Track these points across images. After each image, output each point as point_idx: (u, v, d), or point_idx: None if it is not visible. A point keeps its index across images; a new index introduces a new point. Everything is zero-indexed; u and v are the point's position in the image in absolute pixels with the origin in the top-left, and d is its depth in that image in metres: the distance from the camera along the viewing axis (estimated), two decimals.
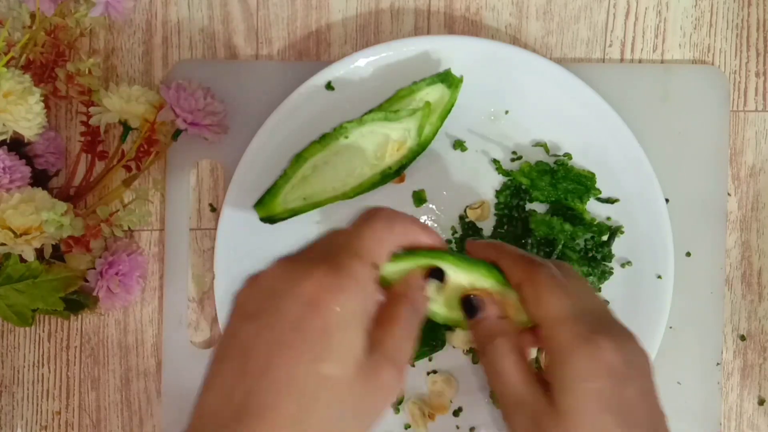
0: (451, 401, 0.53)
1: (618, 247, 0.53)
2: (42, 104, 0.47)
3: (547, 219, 0.51)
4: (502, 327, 0.37)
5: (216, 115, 0.51)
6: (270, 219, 0.51)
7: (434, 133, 0.51)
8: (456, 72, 0.51)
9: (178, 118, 0.49)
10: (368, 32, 0.56)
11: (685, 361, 0.55)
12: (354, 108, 0.52)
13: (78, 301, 0.51)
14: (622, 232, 0.53)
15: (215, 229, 0.54)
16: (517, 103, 0.53)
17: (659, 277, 0.52)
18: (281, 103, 0.51)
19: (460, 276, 0.37)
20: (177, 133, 0.51)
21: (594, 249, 0.52)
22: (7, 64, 0.47)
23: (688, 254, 0.55)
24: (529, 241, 0.52)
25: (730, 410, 0.56)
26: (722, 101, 0.55)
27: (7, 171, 0.48)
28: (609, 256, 0.52)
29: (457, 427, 0.53)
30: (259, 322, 0.30)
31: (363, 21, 0.56)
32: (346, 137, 0.50)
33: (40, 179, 0.53)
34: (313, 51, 0.56)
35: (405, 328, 0.34)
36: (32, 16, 0.51)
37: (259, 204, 0.51)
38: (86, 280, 0.51)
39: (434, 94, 0.51)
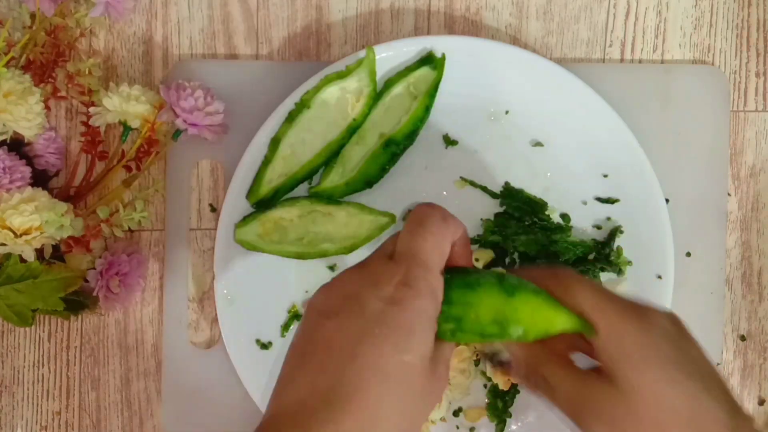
0: (450, 402, 0.53)
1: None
2: (42, 104, 0.47)
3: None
4: (535, 357, 0.39)
5: (216, 115, 0.51)
6: (260, 203, 0.51)
7: (424, 110, 0.51)
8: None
9: (178, 118, 0.49)
10: (368, 32, 0.56)
11: None
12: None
13: (78, 301, 0.51)
14: (621, 232, 0.53)
15: (215, 229, 0.54)
16: (517, 103, 0.53)
17: (659, 277, 0.52)
18: (281, 103, 0.51)
19: None
20: (177, 133, 0.51)
21: (596, 253, 0.52)
22: (7, 64, 0.47)
23: (688, 254, 0.55)
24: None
25: None
26: (722, 101, 0.55)
27: (7, 171, 0.48)
28: (610, 258, 0.52)
29: (457, 427, 0.53)
30: (340, 318, 0.33)
31: (363, 21, 0.56)
32: (309, 107, 0.51)
33: (40, 179, 0.53)
34: (313, 51, 0.56)
35: None
36: (32, 16, 0.51)
37: (249, 193, 0.52)
38: (86, 280, 0.51)
39: (422, 75, 0.52)
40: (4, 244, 0.45)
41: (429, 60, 0.51)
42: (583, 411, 0.36)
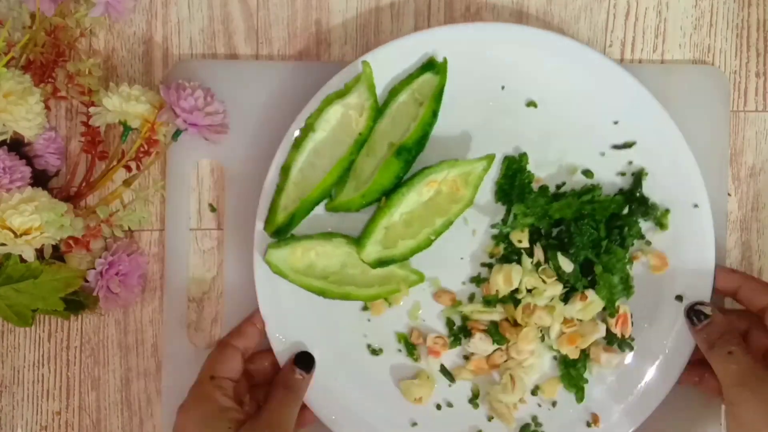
0: (525, 384, 0.53)
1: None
2: (42, 104, 0.47)
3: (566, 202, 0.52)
4: (726, 325, 0.49)
5: (216, 115, 0.51)
6: (278, 232, 0.51)
7: (431, 115, 0.51)
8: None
9: (178, 118, 0.49)
10: (368, 32, 0.56)
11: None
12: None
13: (78, 301, 0.51)
14: (646, 174, 0.53)
15: (215, 229, 0.54)
16: (515, 74, 0.53)
17: (696, 206, 0.52)
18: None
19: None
20: (177, 133, 0.51)
21: (629, 205, 0.52)
22: (7, 64, 0.47)
23: None
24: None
25: None
26: (722, 101, 0.55)
27: (7, 171, 0.48)
28: (645, 202, 0.52)
29: (539, 405, 0.53)
30: None
31: (363, 21, 0.56)
32: (314, 130, 0.50)
33: (40, 179, 0.53)
34: (313, 51, 0.56)
35: (278, 403, 0.48)
36: (32, 16, 0.51)
37: (266, 223, 0.51)
38: (86, 280, 0.51)
39: (425, 81, 0.52)
40: (4, 244, 0.45)
41: (431, 65, 0.51)
42: (748, 385, 0.45)
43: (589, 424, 0.53)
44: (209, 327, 0.55)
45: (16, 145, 0.51)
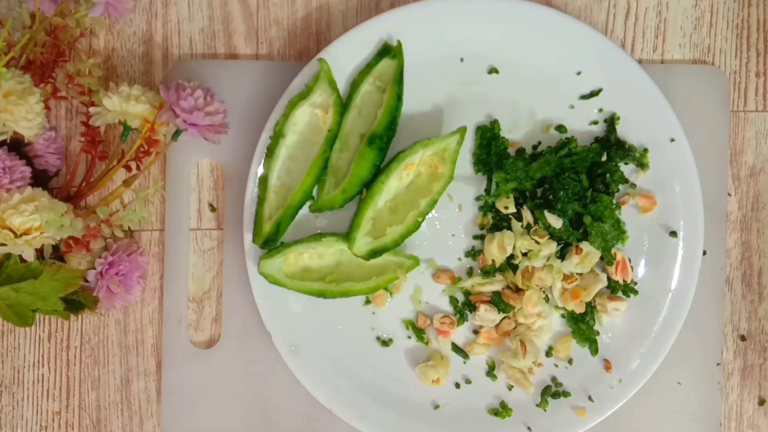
0: (539, 347, 0.53)
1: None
2: (42, 104, 0.47)
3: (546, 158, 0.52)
4: None
5: (216, 115, 0.51)
6: (267, 242, 0.51)
7: (395, 98, 0.52)
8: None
9: (178, 118, 0.49)
10: None
11: (685, 361, 0.55)
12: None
13: (78, 301, 0.51)
14: (618, 118, 0.53)
15: (215, 229, 0.53)
16: (479, 50, 0.53)
17: (672, 140, 0.53)
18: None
19: None
20: (177, 133, 0.51)
21: (607, 150, 0.52)
22: (7, 64, 0.47)
23: None
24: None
25: (730, 410, 0.56)
26: (722, 101, 0.55)
27: (7, 171, 0.48)
28: (621, 144, 0.52)
29: (556, 366, 0.54)
30: None
31: (363, 21, 0.56)
32: (284, 136, 0.51)
33: (40, 179, 0.53)
34: (313, 51, 0.56)
35: None
36: (32, 16, 0.51)
37: (254, 236, 0.52)
38: (86, 280, 0.51)
39: (384, 67, 0.52)
40: (4, 244, 0.45)
41: (387, 50, 0.52)
42: None
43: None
44: (209, 327, 0.55)
45: (16, 145, 0.51)
